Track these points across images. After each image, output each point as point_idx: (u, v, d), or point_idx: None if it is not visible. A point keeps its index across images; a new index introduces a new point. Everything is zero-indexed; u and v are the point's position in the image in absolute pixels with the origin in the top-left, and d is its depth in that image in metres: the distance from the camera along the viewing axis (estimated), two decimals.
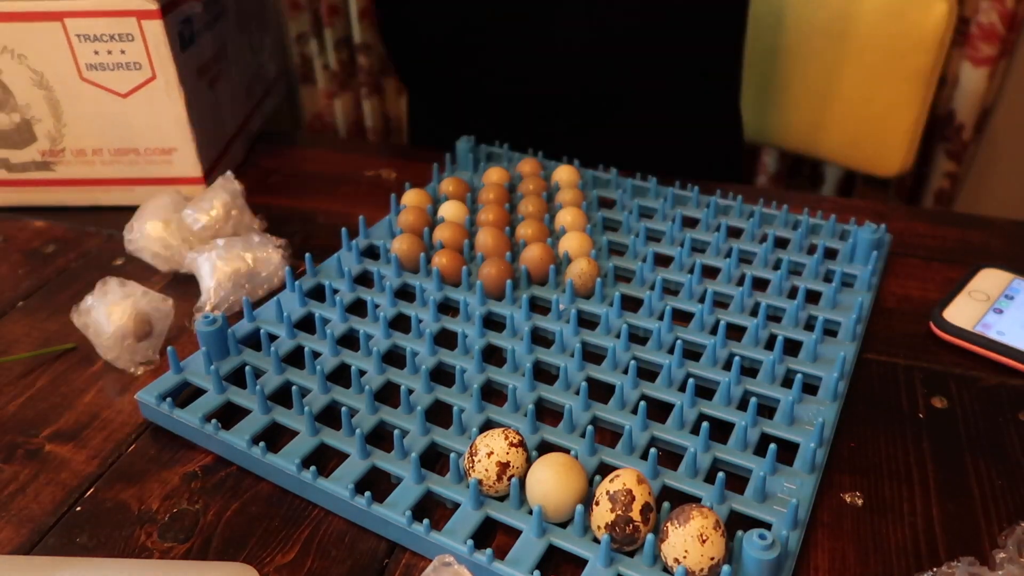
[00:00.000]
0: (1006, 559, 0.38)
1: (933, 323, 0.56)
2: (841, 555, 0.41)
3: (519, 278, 0.59)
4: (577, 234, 0.61)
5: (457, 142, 0.75)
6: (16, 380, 0.53)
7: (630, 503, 0.38)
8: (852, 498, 0.44)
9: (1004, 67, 1.47)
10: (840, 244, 0.63)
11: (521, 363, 0.51)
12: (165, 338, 0.55)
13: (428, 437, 0.46)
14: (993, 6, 1.40)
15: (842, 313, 0.55)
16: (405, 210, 0.64)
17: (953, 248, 0.66)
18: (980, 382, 0.52)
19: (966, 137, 1.53)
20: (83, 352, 0.55)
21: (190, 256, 0.59)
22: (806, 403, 0.48)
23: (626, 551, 0.39)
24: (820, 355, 0.52)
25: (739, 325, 0.55)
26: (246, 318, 0.55)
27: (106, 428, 0.49)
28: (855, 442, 0.47)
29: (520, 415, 0.47)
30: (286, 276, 0.58)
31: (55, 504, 0.44)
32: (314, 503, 0.44)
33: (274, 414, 0.47)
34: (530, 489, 0.41)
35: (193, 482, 0.45)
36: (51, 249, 0.67)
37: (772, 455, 0.43)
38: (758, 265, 0.61)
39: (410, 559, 0.41)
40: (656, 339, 0.53)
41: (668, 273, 0.60)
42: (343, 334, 0.55)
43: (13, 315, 0.59)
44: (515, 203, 0.69)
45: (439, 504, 0.43)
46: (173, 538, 0.42)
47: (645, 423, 0.46)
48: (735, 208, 0.67)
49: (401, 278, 0.60)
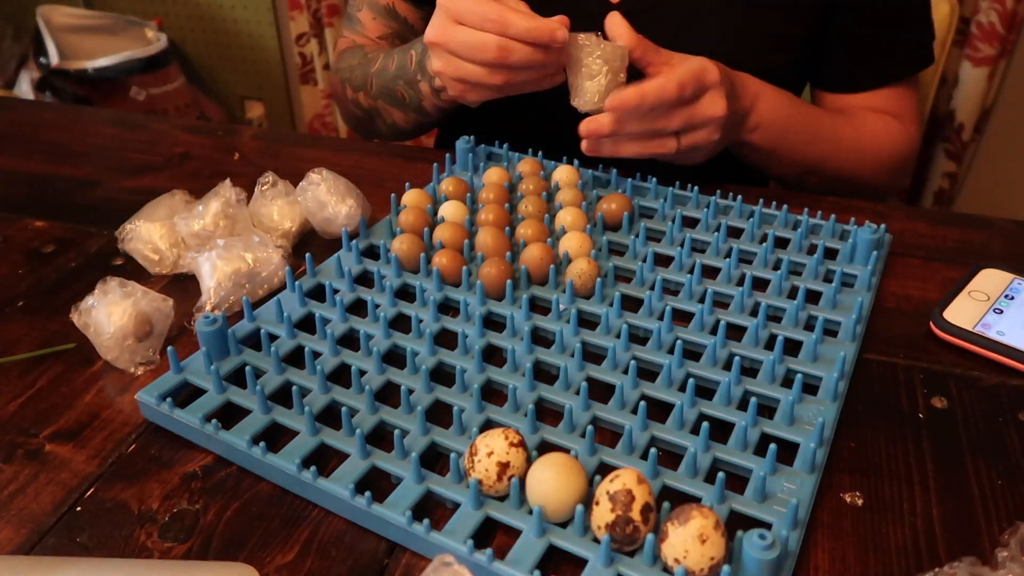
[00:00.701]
0: (1008, 558, 0.38)
1: (933, 323, 0.56)
2: (841, 555, 0.41)
3: (519, 278, 0.59)
4: (577, 234, 0.61)
5: (457, 142, 0.75)
6: (16, 380, 0.53)
7: (630, 503, 0.38)
8: (852, 498, 0.44)
9: (1004, 67, 1.47)
10: (840, 244, 0.63)
11: (521, 363, 0.51)
12: (165, 338, 0.55)
13: (428, 437, 0.46)
14: (993, 6, 1.40)
15: (842, 313, 0.55)
16: (405, 210, 0.64)
17: (953, 248, 0.66)
18: (980, 382, 0.52)
19: (966, 137, 1.53)
20: (83, 352, 0.55)
21: (190, 256, 0.59)
22: (806, 403, 0.48)
23: (626, 551, 0.39)
24: (820, 355, 0.52)
25: (739, 325, 0.55)
26: (246, 318, 0.55)
27: (106, 428, 0.49)
28: (855, 442, 0.47)
29: (520, 415, 0.47)
30: (286, 276, 0.58)
31: (55, 504, 0.44)
32: (314, 503, 0.44)
33: (274, 414, 0.47)
34: (530, 489, 0.41)
35: (193, 482, 0.45)
36: (51, 249, 0.67)
37: (772, 455, 0.43)
38: (758, 265, 0.61)
39: (410, 559, 0.41)
40: (656, 339, 0.53)
41: (668, 273, 0.60)
42: (343, 334, 0.55)
43: (13, 315, 0.59)
44: (515, 203, 0.69)
45: (439, 504, 0.43)
46: (173, 538, 0.42)
47: (645, 423, 0.46)
48: (735, 208, 0.67)
49: (401, 278, 0.60)
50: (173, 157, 0.82)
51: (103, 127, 0.90)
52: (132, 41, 1.96)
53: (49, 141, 0.86)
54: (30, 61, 1.92)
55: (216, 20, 2.05)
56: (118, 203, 0.73)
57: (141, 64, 1.89)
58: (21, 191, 0.76)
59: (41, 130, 0.89)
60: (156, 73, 1.92)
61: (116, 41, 1.95)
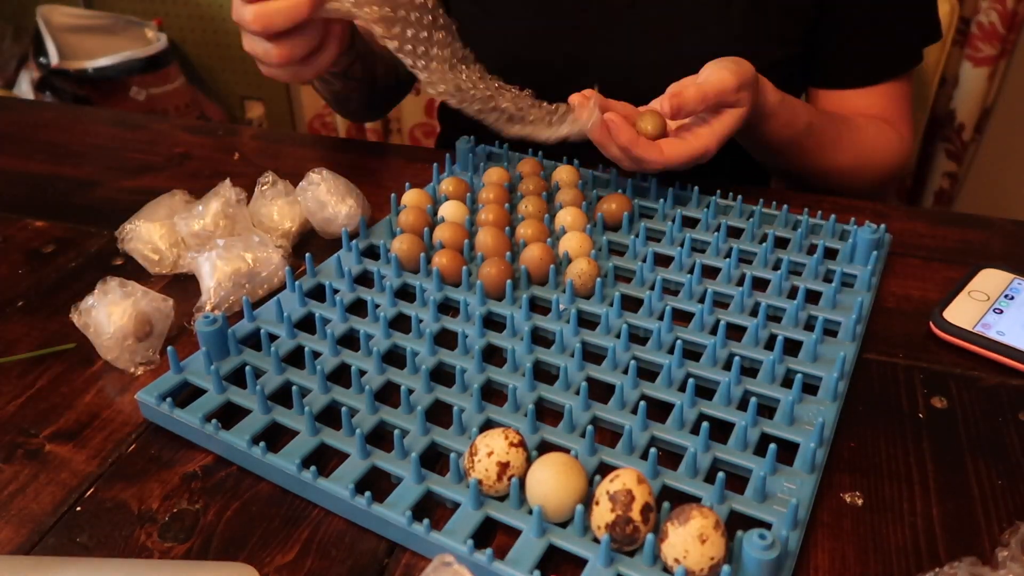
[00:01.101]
0: (1008, 557, 0.38)
1: (933, 323, 0.56)
2: (841, 555, 0.41)
3: (519, 278, 0.59)
4: (577, 234, 0.61)
5: (457, 142, 0.75)
6: (16, 380, 0.53)
7: (630, 503, 0.38)
8: (852, 498, 0.44)
9: (1004, 67, 1.47)
10: (840, 244, 0.63)
11: (521, 363, 0.51)
12: (165, 338, 0.55)
13: (428, 437, 0.46)
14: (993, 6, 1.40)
15: (842, 313, 0.55)
16: (405, 210, 0.64)
17: (953, 248, 0.66)
18: (980, 382, 0.52)
19: (966, 137, 1.53)
20: (83, 352, 0.55)
21: (190, 256, 0.59)
22: (806, 403, 0.48)
23: (626, 551, 0.39)
24: (820, 355, 0.52)
25: (739, 325, 0.55)
26: (246, 318, 0.55)
27: (106, 428, 0.49)
28: (855, 442, 0.47)
29: (520, 415, 0.47)
30: (286, 276, 0.58)
31: (55, 504, 0.44)
32: (314, 503, 0.44)
33: (274, 414, 0.47)
34: (530, 489, 0.41)
35: (193, 482, 0.45)
36: (51, 249, 0.67)
37: (772, 455, 0.43)
38: (758, 265, 0.61)
39: (410, 559, 0.41)
40: (656, 339, 0.53)
41: (668, 273, 0.60)
42: (343, 334, 0.55)
43: (13, 315, 0.59)
44: (515, 203, 0.69)
45: (439, 504, 0.43)
46: (173, 538, 0.42)
47: (645, 423, 0.46)
48: (735, 208, 0.67)
49: (401, 278, 0.60)
50: (173, 157, 0.82)
51: (103, 127, 0.90)
52: (132, 41, 1.96)
53: (49, 141, 0.86)
54: (30, 61, 1.92)
55: (216, 20, 2.05)
56: (118, 203, 0.73)
57: (141, 64, 1.89)
58: (21, 191, 0.76)
59: (41, 130, 0.89)
60: (156, 73, 1.92)
61: (116, 41, 1.95)
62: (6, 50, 1.97)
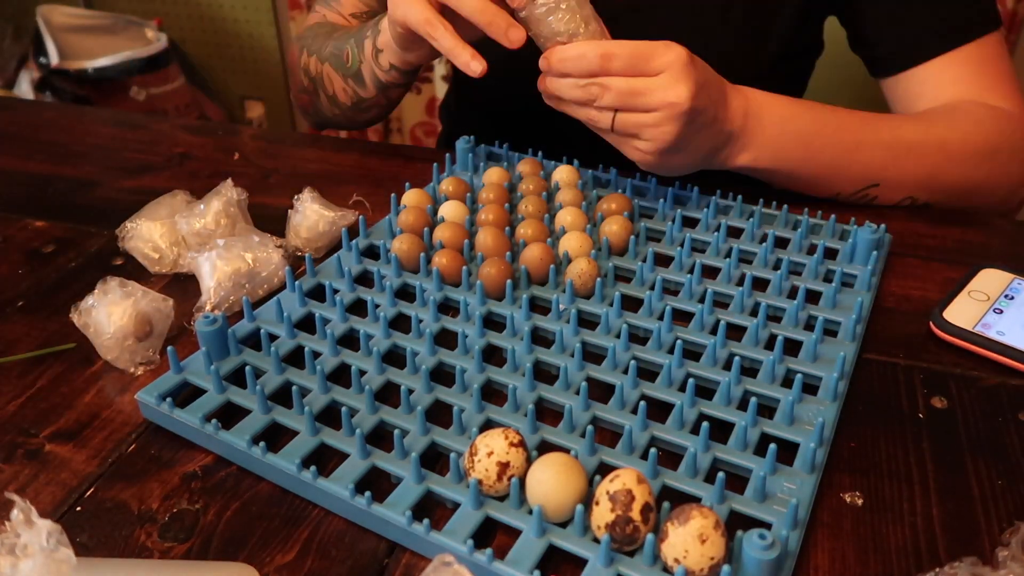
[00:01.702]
0: (1008, 557, 0.38)
1: (933, 323, 0.56)
2: (841, 555, 0.41)
3: (519, 278, 0.59)
4: (577, 234, 0.61)
5: (457, 142, 0.75)
6: (16, 380, 0.53)
7: (630, 503, 0.38)
8: (852, 498, 0.44)
9: None
10: (840, 244, 0.63)
11: (521, 363, 0.51)
12: (165, 338, 0.55)
13: (428, 437, 0.46)
14: None
15: (842, 313, 0.55)
16: (405, 210, 0.64)
17: (953, 248, 0.66)
18: (980, 382, 0.52)
19: None
20: (83, 352, 0.55)
21: (190, 256, 0.59)
22: (806, 403, 0.48)
23: (626, 551, 0.39)
24: (820, 355, 0.52)
25: (739, 325, 0.55)
26: (246, 318, 0.55)
27: (106, 428, 0.49)
28: (855, 442, 0.47)
29: (520, 415, 0.47)
30: (286, 276, 0.58)
31: (55, 504, 0.44)
32: (314, 503, 0.44)
33: (274, 414, 0.47)
34: (530, 489, 0.41)
35: (193, 482, 0.45)
36: (51, 249, 0.67)
37: (772, 455, 0.43)
38: (758, 265, 0.61)
39: (410, 559, 0.41)
40: (656, 339, 0.53)
41: (668, 273, 0.60)
42: (343, 334, 0.55)
43: (13, 315, 0.59)
44: (515, 203, 0.69)
45: (439, 504, 0.43)
46: (173, 538, 0.42)
47: (645, 423, 0.46)
48: (735, 208, 0.67)
49: (401, 278, 0.60)
50: (173, 157, 0.82)
51: (103, 127, 0.90)
52: (132, 41, 1.96)
53: (49, 141, 0.86)
54: (30, 61, 1.92)
55: (216, 20, 2.05)
56: (118, 203, 0.73)
57: (141, 64, 1.89)
58: (21, 191, 0.76)
59: (41, 130, 0.89)
60: (156, 73, 1.92)
61: (116, 41, 1.95)
62: (6, 50, 1.97)
